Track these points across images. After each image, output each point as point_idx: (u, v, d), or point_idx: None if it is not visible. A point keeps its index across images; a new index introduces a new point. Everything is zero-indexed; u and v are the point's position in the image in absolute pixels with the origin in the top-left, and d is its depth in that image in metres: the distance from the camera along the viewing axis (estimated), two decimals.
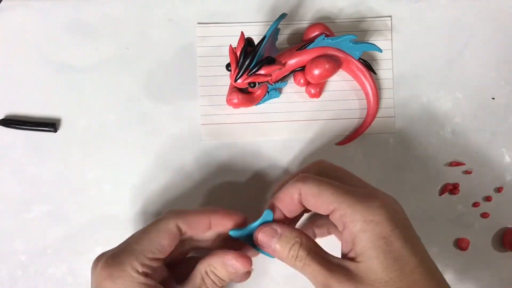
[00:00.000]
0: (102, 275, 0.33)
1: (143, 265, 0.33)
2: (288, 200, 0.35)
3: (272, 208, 0.36)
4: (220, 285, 0.35)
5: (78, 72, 0.43)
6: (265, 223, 0.36)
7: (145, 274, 0.33)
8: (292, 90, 0.44)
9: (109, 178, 0.43)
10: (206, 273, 0.35)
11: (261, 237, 0.35)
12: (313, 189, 0.34)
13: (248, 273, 0.37)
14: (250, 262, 0.35)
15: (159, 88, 0.44)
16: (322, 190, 0.34)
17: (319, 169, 0.38)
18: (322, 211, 0.34)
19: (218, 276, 0.35)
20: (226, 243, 0.37)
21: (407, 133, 0.45)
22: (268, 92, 0.43)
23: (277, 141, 0.44)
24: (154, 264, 0.34)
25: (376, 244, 0.31)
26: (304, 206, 0.35)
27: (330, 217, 0.34)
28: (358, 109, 0.44)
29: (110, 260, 0.33)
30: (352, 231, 0.32)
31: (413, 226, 0.34)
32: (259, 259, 0.38)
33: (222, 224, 0.37)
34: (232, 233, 0.36)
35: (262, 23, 0.44)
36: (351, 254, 0.33)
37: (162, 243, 0.34)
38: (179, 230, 0.35)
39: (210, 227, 0.36)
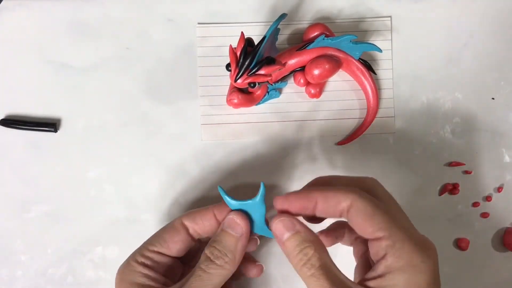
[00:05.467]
0: (117, 274, 0.36)
1: (142, 255, 0.35)
2: (332, 205, 0.32)
3: (299, 199, 0.34)
4: (223, 261, 0.34)
5: (78, 72, 0.43)
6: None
7: (144, 265, 0.35)
8: (292, 90, 0.44)
9: (109, 178, 0.43)
10: (206, 251, 0.34)
11: (276, 225, 0.33)
12: (368, 209, 0.31)
13: (254, 241, 0.38)
14: (246, 218, 0.35)
15: (159, 88, 0.44)
16: (376, 213, 0.31)
17: (368, 188, 0.34)
18: (367, 233, 0.32)
19: (218, 249, 0.34)
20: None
21: (407, 133, 0.45)
22: (268, 92, 0.43)
23: (277, 141, 0.44)
24: (156, 257, 0.35)
25: None
26: (338, 219, 0.33)
27: (370, 242, 0.32)
28: (358, 109, 0.44)
29: (123, 263, 0.36)
30: (391, 265, 0.30)
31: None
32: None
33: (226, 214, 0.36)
34: (230, 202, 0.35)
35: (262, 23, 0.44)
36: (372, 284, 0.30)
37: (163, 237, 0.36)
38: (185, 227, 0.36)
39: (218, 222, 0.36)
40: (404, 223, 0.32)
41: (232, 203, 0.35)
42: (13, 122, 0.43)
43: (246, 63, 0.39)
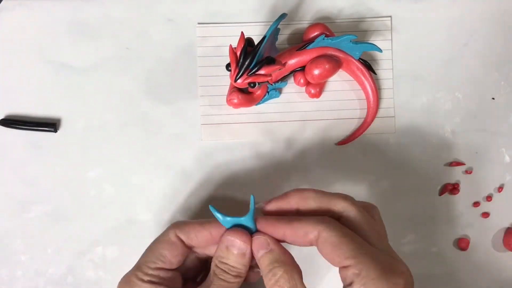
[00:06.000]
0: None
1: (147, 274, 0.34)
2: (301, 236, 0.33)
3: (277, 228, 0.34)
4: (233, 274, 0.34)
5: (78, 72, 0.43)
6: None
7: (151, 282, 0.34)
8: (292, 90, 0.44)
9: (109, 178, 0.43)
10: (216, 266, 0.35)
11: (253, 243, 0.34)
12: (334, 239, 0.32)
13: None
14: (248, 236, 0.34)
15: (159, 88, 0.44)
16: (343, 242, 0.32)
17: (339, 211, 0.35)
18: (335, 262, 0.32)
19: (227, 264, 0.34)
20: None
21: (407, 133, 0.45)
22: (268, 92, 0.43)
23: (277, 141, 0.44)
24: (161, 273, 0.35)
25: None
26: (312, 245, 0.34)
27: (339, 269, 0.32)
28: (358, 109, 0.44)
29: (122, 280, 0.35)
30: None
31: None
32: None
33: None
34: (222, 220, 0.35)
35: (262, 23, 0.44)
36: None
37: (163, 253, 0.35)
38: (180, 240, 0.36)
39: (215, 240, 0.36)
40: (371, 250, 0.32)
41: (224, 220, 0.35)
42: (13, 122, 0.43)
43: (246, 63, 0.39)
